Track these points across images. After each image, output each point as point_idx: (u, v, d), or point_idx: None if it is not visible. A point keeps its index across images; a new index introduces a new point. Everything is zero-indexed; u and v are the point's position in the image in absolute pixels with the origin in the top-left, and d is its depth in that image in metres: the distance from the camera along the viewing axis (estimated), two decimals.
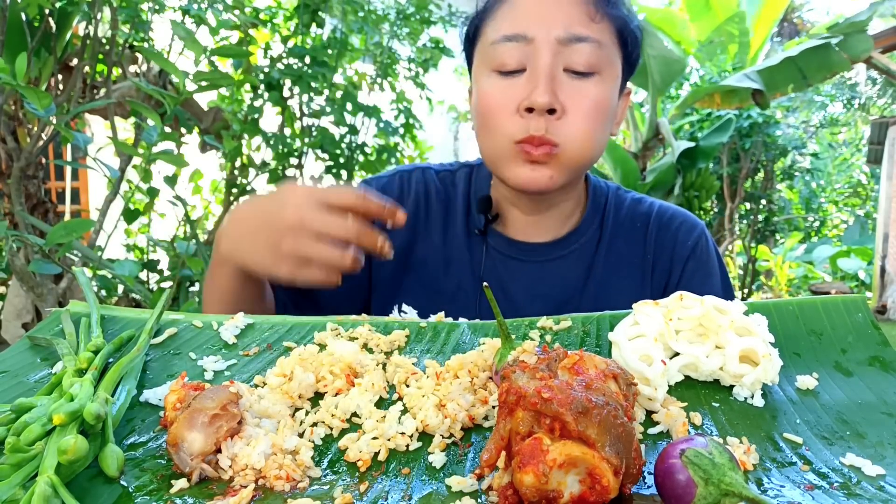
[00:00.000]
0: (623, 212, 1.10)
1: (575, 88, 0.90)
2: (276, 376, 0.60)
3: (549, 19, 0.90)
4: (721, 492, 0.41)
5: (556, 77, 0.90)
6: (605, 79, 0.92)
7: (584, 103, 0.91)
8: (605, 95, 0.93)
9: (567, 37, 0.89)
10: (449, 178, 1.13)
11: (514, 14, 0.92)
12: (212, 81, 1.72)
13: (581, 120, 0.91)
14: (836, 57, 4.83)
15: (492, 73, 0.93)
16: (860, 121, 12.76)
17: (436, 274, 1.06)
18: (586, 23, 0.90)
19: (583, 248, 1.06)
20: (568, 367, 0.48)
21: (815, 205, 10.87)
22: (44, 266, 1.73)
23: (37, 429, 0.48)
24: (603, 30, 0.91)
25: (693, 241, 1.06)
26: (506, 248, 1.05)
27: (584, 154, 0.93)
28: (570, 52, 0.89)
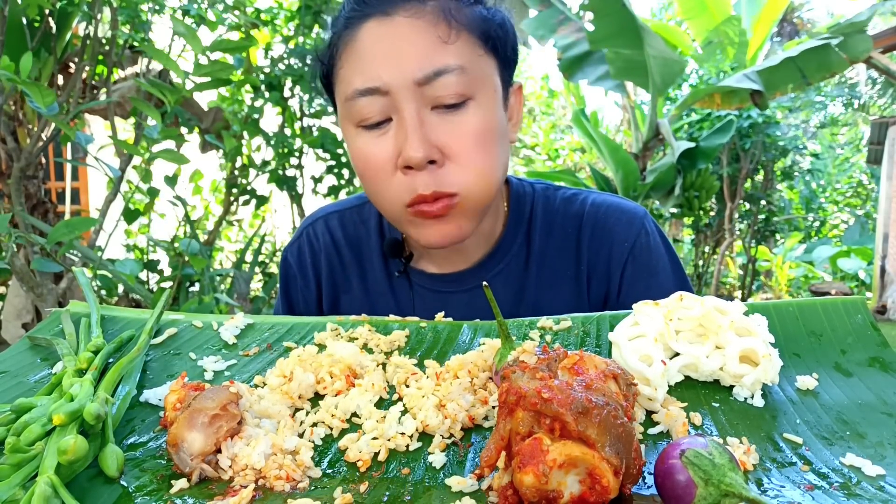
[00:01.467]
0: (552, 217, 1.00)
1: (451, 126, 0.81)
2: (277, 377, 0.60)
3: (399, 62, 0.79)
4: (721, 492, 0.41)
5: (426, 122, 0.80)
6: (479, 101, 0.82)
7: (466, 140, 0.81)
8: (486, 118, 0.83)
9: (425, 75, 0.78)
10: (356, 216, 1.04)
11: (362, 63, 0.82)
12: (212, 74, 1.72)
13: (469, 159, 0.82)
14: (835, 57, 4.84)
15: (358, 128, 0.84)
16: (860, 121, 12.76)
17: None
18: (441, 49, 0.79)
19: (509, 267, 0.97)
20: (568, 367, 0.48)
21: (815, 205, 10.87)
22: (45, 265, 1.73)
23: (37, 429, 0.48)
24: (462, 47, 0.81)
25: (632, 240, 0.96)
26: (429, 283, 0.98)
27: (486, 191, 0.84)
28: (434, 89, 0.79)
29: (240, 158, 2.87)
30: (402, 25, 0.80)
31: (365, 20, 0.82)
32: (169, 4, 2.30)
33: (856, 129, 13.33)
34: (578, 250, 0.97)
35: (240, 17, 2.53)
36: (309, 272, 1.06)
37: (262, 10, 2.91)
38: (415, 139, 0.79)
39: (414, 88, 0.79)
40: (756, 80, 5.01)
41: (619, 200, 1.01)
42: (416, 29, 0.80)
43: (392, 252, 0.98)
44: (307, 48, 2.82)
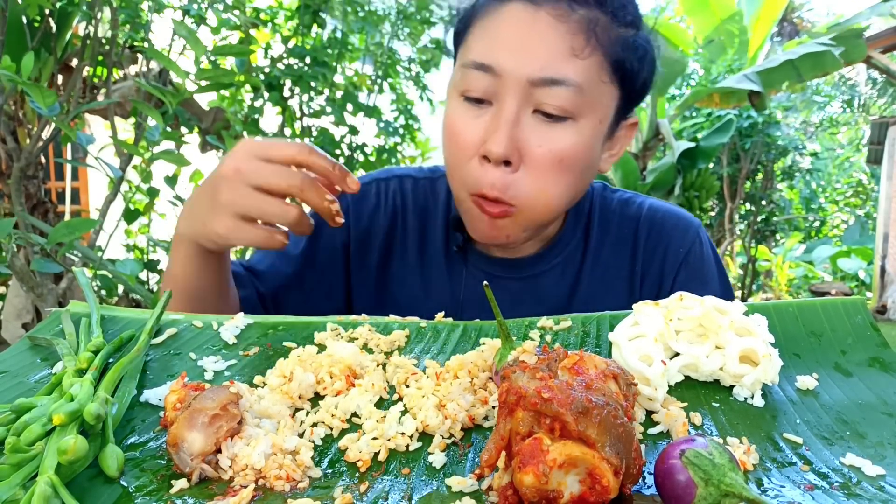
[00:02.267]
0: (609, 216, 1.01)
1: (542, 135, 0.80)
2: (277, 377, 0.60)
3: (523, 54, 0.78)
4: (721, 492, 0.41)
5: (521, 121, 0.80)
6: (581, 125, 0.81)
7: (549, 155, 0.80)
8: (578, 143, 0.81)
9: (540, 78, 0.78)
10: (429, 186, 1.04)
11: (490, 39, 0.82)
12: (214, 79, 1.72)
13: (540, 175, 0.81)
14: (830, 58, 4.88)
15: (459, 97, 0.84)
16: (861, 120, 12.76)
17: (414, 296, 0.99)
18: (567, 60, 0.78)
19: (567, 260, 0.98)
20: (568, 367, 0.48)
21: (815, 205, 10.88)
22: (45, 265, 1.73)
23: (37, 429, 0.48)
24: (588, 67, 0.79)
25: (686, 247, 0.98)
26: (486, 265, 0.99)
27: (545, 212, 0.85)
28: (543, 94, 0.78)
29: None
30: (542, 21, 0.79)
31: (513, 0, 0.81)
32: (169, 4, 2.31)
33: (856, 128, 13.33)
34: (634, 251, 0.98)
35: (239, 17, 2.53)
36: (363, 221, 1.02)
37: (261, 9, 2.91)
38: (503, 133, 0.79)
39: (525, 85, 0.78)
40: (755, 81, 5.03)
41: (675, 208, 1.03)
42: (555, 31, 0.79)
43: (456, 226, 0.97)
44: (307, 48, 2.82)
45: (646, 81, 0.88)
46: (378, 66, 3.26)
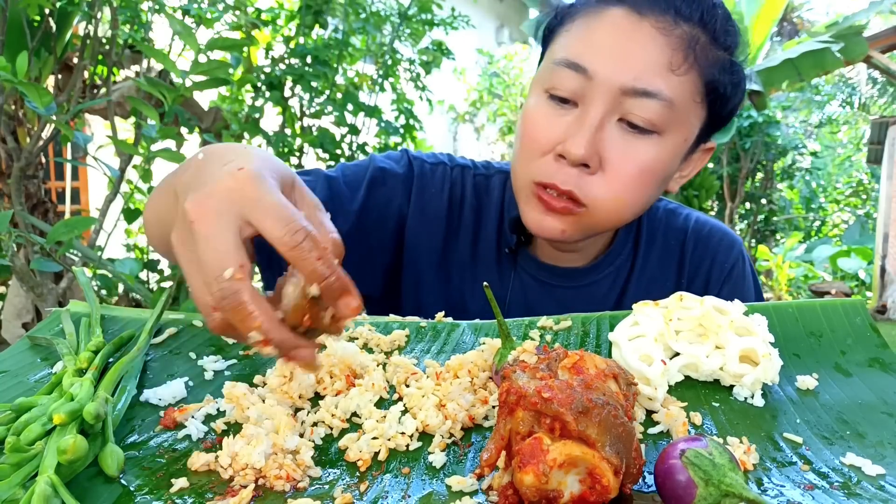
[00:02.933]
0: (655, 226, 1.00)
1: (625, 145, 0.78)
2: (277, 377, 0.60)
3: (619, 60, 0.77)
4: (721, 492, 0.41)
5: (605, 127, 0.78)
6: (666, 140, 0.80)
7: (629, 165, 0.79)
8: (659, 158, 0.80)
9: (633, 88, 0.76)
10: (483, 183, 1.01)
11: (586, 39, 0.80)
12: (210, 73, 1.72)
13: (618, 183, 0.79)
14: (830, 57, 4.88)
15: (543, 93, 0.82)
16: (861, 120, 12.76)
17: (461, 289, 0.98)
18: (663, 74, 0.77)
19: (617, 270, 0.98)
20: (568, 367, 0.48)
21: (815, 205, 10.88)
22: (45, 264, 1.73)
23: (37, 428, 0.48)
24: (683, 84, 0.78)
25: (731, 263, 0.98)
26: (535, 270, 0.97)
27: (611, 219, 0.84)
28: (632, 104, 0.77)
29: None
30: (644, 32, 0.78)
31: (617, 5, 0.80)
32: (169, 4, 2.31)
33: (856, 128, 13.34)
34: (681, 263, 0.98)
35: (240, 17, 2.53)
36: (425, 198, 0.98)
37: (262, 10, 2.91)
38: (584, 137, 0.77)
39: (616, 92, 0.77)
40: (755, 80, 5.03)
41: (720, 224, 1.03)
42: (655, 43, 0.77)
43: (513, 227, 0.95)
44: (308, 48, 2.82)
45: (733, 108, 0.87)
46: (379, 66, 3.26)
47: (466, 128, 10.55)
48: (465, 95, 10.18)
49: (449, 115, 10.11)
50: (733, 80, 0.84)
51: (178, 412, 0.56)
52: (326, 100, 2.98)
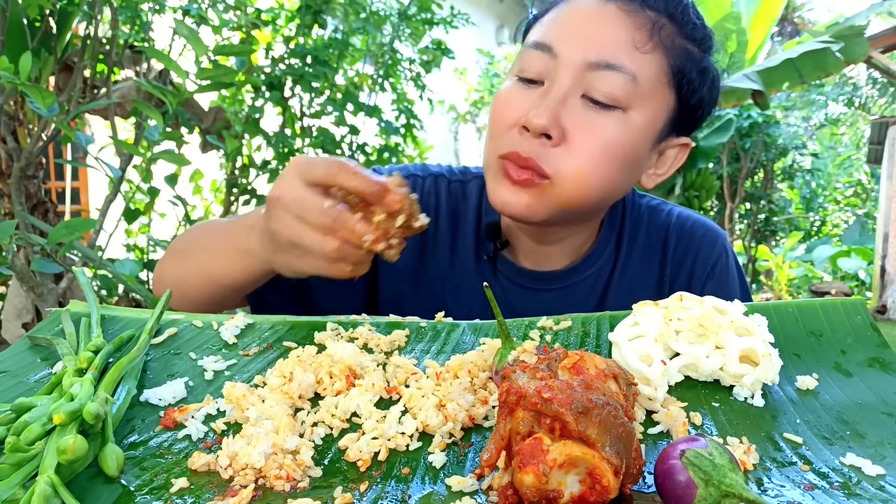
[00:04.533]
0: (637, 223, 0.99)
1: (587, 119, 0.79)
2: (277, 377, 0.60)
3: (584, 38, 0.79)
4: (721, 493, 0.41)
5: (569, 102, 0.78)
6: (630, 117, 0.79)
7: (591, 139, 0.78)
8: (623, 135, 0.79)
9: (596, 62, 0.77)
10: (460, 189, 1.00)
11: (554, 22, 0.83)
12: (215, 78, 1.72)
13: (580, 156, 0.79)
14: (831, 58, 4.87)
15: (513, 77, 0.84)
16: (861, 120, 12.76)
17: (443, 299, 0.97)
18: (627, 50, 0.78)
19: (599, 271, 0.97)
20: (568, 367, 0.48)
21: (815, 204, 10.87)
22: (45, 265, 1.73)
23: (37, 428, 0.48)
24: (647, 62, 0.79)
25: (714, 259, 0.97)
26: (516, 276, 0.96)
27: (576, 194, 0.81)
28: (595, 79, 0.78)
29: (240, 158, 2.87)
30: (609, 12, 0.80)
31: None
32: (170, 4, 2.31)
33: (856, 127, 13.33)
34: (663, 260, 0.97)
35: (240, 18, 2.53)
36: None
37: (262, 10, 2.91)
38: (546, 107, 0.77)
39: (579, 67, 0.78)
40: (756, 80, 5.03)
41: (702, 218, 1.02)
42: (621, 23, 0.79)
43: (488, 235, 0.95)
44: (308, 48, 2.82)
45: (704, 106, 0.87)
46: (379, 66, 3.26)
47: (467, 128, 10.55)
48: (466, 95, 10.19)
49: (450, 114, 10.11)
50: (702, 73, 0.84)
51: (178, 412, 0.56)
52: (326, 100, 2.98)
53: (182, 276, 0.85)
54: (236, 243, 0.79)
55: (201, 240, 0.88)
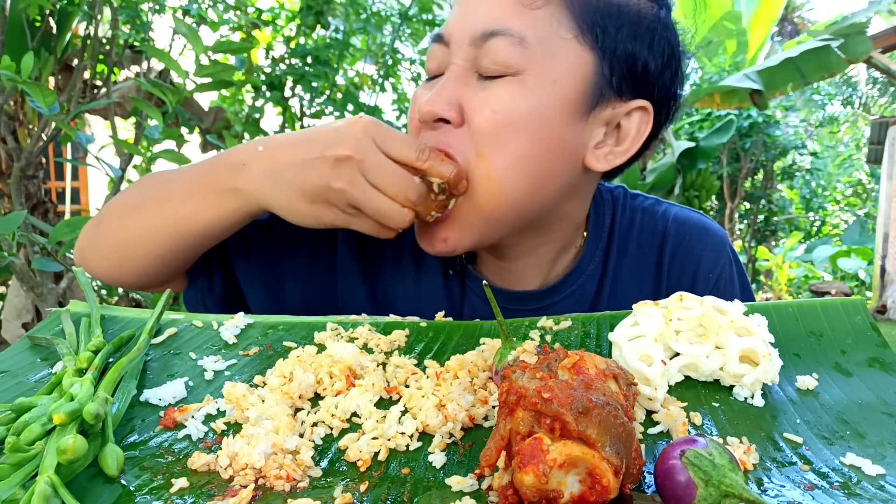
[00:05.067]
0: (629, 231, 0.88)
1: (481, 92, 0.71)
2: (277, 377, 0.60)
3: (468, 14, 0.72)
4: (721, 493, 0.41)
5: (464, 82, 0.71)
6: (526, 81, 0.70)
7: (486, 110, 0.70)
8: (518, 101, 0.70)
9: (482, 33, 0.70)
10: None
11: (450, 14, 0.77)
12: (214, 76, 1.72)
13: (481, 132, 0.70)
14: (834, 58, 4.86)
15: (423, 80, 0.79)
16: (861, 120, 12.76)
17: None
18: (514, 10, 0.70)
19: (582, 289, 0.85)
20: (568, 367, 0.48)
21: (815, 204, 10.88)
22: (46, 264, 1.73)
23: (37, 428, 0.48)
24: (543, 18, 0.70)
25: (717, 272, 0.86)
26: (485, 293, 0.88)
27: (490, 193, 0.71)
28: (484, 52, 0.70)
29: None
30: None
31: None
32: (169, 4, 2.31)
33: (856, 127, 13.33)
34: (658, 274, 0.86)
35: (241, 18, 2.53)
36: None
37: (263, 10, 2.91)
38: (435, 91, 0.72)
39: (469, 46, 0.71)
40: (756, 80, 5.03)
41: (702, 218, 0.91)
42: None
43: None
44: (308, 48, 2.82)
45: (645, 60, 0.74)
46: (380, 66, 3.26)
47: None
48: None
49: None
50: (625, 20, 0.73)
51: (178, 412, 0.56)
52: (327, 100, 2.99)
53: (131, 234, 0.79)
54: (217, 184, 0.74)
55: (161, 189, 0.81)
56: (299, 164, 0.69)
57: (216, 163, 0.76)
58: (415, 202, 0.69)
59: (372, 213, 0.69)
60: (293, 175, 0.69)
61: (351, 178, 0.67)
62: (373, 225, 0.71)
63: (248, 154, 0.72)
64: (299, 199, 0.70)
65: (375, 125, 0.69)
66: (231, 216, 0.75)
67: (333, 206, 0.69)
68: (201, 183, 0.76)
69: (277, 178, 0.70)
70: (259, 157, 0.71)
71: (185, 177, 0.79)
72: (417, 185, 0.69)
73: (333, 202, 0.69)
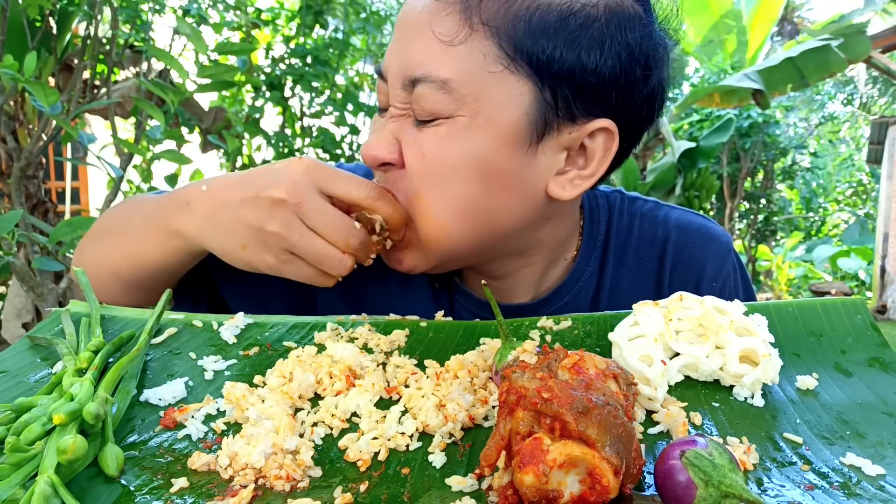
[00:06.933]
0: (627, 238, 0.84)
1: (414, 137, 0.68)
2: (277, 377, 0.60)
3: (399, 51, 0.69)
4: (721, 493, 0.41)
5: (402, 124, 0.69)
6: (457, 124, 0.66)
7: (417, 158, 0.68)
8: (450, 147, 0.67)
9: (409, 78, 0.67)
10: None
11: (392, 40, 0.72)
12: (216, 77, 1.72)
13: (416, 179, 0.69)
14: (834, 58, 4.87)
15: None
16: (861, 120, 12.76)
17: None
18: (436, 52, 0.65)
19: (576, 299, 0.82)
20: (568, 367, 0.48)
21: (815, 204, 10.88)
22: (46, 263, 1.73)
23: (37, 428, 0.48)
24: (468, 53, 0.64)
25: (721, 281, 0.82)
26: (476, 308, 0.84)
27: (429, 231, 0.70)
28: (415, 97, 0.67)
29: (240, 158, 2.88)
30: (418, 6, 0.67)
31: None
32: (170, 4, 2.31)
33: (856, 127, 13.34)
34: (659, 283, 0.83)
35: (241, 17, 2.54)
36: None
37: (262, 9, 2.92)
38: (375, 136, 0.70)
39: (401, 90, 0.68)
40: (756, 80, 5.03)
41: (705, 223, 0.86)
42: (429, 18, 0.66)
43: None
44: (308, 48, 2.82)
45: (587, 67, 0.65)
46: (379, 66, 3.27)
47: None
48: None
49: None
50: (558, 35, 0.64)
51: (178, 412, 0.56)
52: (327, 100, 2.99)
53: (103, 261, 0.79)
54: (164, 223, 0.72)
55: (125, 223, 0.80)
56: (235, 205, 0.67)
57: (169, 200, 0.74)
58: (356, 248, 0.67)
59: (311, 259, 0.67)
60: (229, 216, 0.67)
61: (286, 222, 0.65)
62: (311, 272, 0.68)
63: (193, 194, 0.70)
64: (234, 241, 0.68)
65: (316, 167, 0.66)
66: (176, 255, 0.74)
67: (269, 251, 0.67)
68: (153, 221, 0.74)
69: (214, 219, 0.68)
70: (201, 197, 0.69)
71: (143, 212, 0.78)
72: (359, 230, 0.68)
73: (269, 246, 0.66)
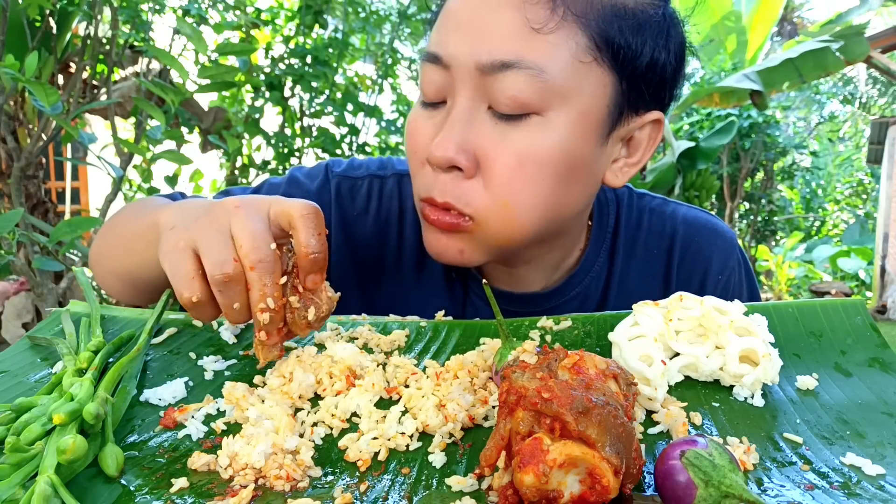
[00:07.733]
0: (635, 232, 0.85)
1: (498, 136, 0.64)
2: (276, 377, 0.60)
3: (472, 34, 0.63)
4: (721, 493, 0.41)
5: (475, 121, 0.65)
6: (550, 120, 0.64)
7: (505, 160, 0.64)
8: (547, 144, 0.64)
9: (490, 62, 0.62)
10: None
11: (443, 23, 0.68)
12: (216, 77, 1.73)
13: (499, 184, 0.65)
14: (832, 58, 4.88)
15: (419, 99, 0.71)
16: (861, 120, 12.77)
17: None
18: (524, 37, 0.61)
19: (587, 290, 0.83)
20: (568, 367, 0.48)
21: (815, 204, 10.89)
22: (47, 263, 1.73)
23: (37, 428, 0.48)
24: (560, 42, 0.62)
25: (727, 274, 0.84)
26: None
27: (508, 232, 0.68)
28: (495, 84, 0.63)
29: (240, 158, 2.88)
30: None
31: None
32: (170, 4, 2.31)
33: (856, 127, 13.34)
34: (667, 276, 0.84)
35: (240, 17, 2.54)
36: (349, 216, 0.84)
37: (262, 9, 2.92)
38: (445, 135, 0.64)
39: (475, 73, 0.63)
40: (755, 80, 5.04)
41: (711, 219, 0.88)
42: (510, 2, 0.62)
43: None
44: (308, 48, 2.82)
45: (664, 68, 0.68)
46: (379, 66, 3.27)
47: None
48: None
49: None
50: (635, 23, 0.65)
51: (178, 412, 0.56)
52: (326, 100, 2.99)
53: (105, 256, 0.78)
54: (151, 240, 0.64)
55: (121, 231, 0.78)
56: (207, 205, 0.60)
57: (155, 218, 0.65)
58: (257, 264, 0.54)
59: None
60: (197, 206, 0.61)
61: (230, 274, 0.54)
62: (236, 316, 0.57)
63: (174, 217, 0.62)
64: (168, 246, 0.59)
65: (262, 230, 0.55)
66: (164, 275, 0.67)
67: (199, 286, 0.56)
68: (143, 238, 0.69)
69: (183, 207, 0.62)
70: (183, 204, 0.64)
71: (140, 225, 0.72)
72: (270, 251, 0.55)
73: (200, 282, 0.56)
